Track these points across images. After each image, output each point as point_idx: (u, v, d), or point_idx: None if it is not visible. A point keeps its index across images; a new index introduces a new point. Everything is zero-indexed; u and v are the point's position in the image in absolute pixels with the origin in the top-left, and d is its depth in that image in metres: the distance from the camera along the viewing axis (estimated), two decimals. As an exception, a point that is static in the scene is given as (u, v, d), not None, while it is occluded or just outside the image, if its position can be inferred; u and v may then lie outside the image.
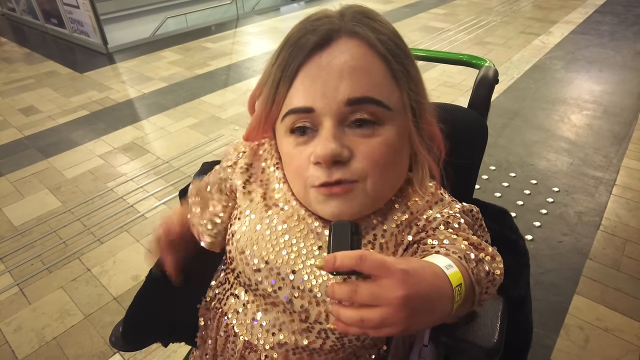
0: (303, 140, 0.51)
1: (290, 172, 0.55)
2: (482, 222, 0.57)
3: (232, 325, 0.62)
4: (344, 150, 0.48)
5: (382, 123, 0.49)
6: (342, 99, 0.47)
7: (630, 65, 3.29)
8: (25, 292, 1.54)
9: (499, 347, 0.57)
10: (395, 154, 0.51)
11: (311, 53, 0.49)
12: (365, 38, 0.49)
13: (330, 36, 0.49)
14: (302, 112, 0.49)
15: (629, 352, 1.25)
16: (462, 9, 5.06)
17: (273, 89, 0.52)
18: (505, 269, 0.51)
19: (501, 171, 2.08)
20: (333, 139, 0.47)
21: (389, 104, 0.49)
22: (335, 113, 0.48)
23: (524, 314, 0.73)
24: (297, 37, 0.50)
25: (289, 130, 0.52)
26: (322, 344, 0.56)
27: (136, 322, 0.71)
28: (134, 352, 1.29)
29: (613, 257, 1.57)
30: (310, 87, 0.48)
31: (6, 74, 3.62)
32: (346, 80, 0.47)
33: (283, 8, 5.60)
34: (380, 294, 0.35)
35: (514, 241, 0.72)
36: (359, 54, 0.48)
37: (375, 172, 0.50)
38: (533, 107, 2.69)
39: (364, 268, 0.36)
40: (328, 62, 0.48)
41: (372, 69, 0.48)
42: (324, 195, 0.50)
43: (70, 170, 2.23)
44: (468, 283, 0.43)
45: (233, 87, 3.20)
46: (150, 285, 0.72)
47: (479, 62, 0.87)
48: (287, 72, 0.50)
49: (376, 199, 0.53)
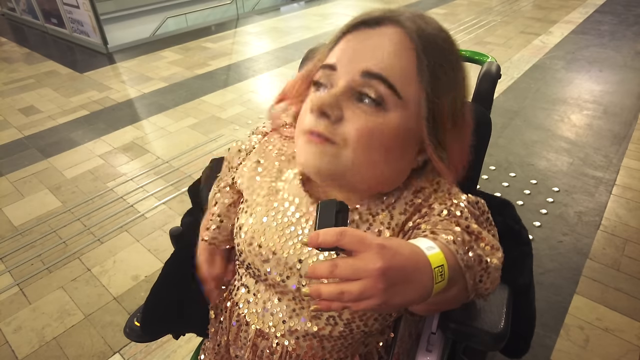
0: (318, 93, 0.54)
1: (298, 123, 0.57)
2: (488, 215, 0.57)
3: (244, 314, 0.64)
4: (335, 109, 0.50)
5: (388, 108, 0.50)
6: (360, 68, 0.50)
7: (630, 65, 3.29)
8: (25, 292, 1.54)
9: (505, 332, 0.59)
10: (389, 145, 0.51)
11: (358, 26, 0.53)
12: (408, 30, 0.51)
13: (381, 19, 0.52)
14: (327, 68, 0.53)
15: (629, 352, 1.25)
16: (462, 8, 5.06)
17: (324, 51, 0.56)
18: (509, 259, 0.52)
19: (501, 171, 2.08)
20: (332, 95, 0.50)
21: (401, 92, 0.49)
22: (349, 78, 0.50)
23: (527, 302, 0.75)
24: (358, 16, 0.54)
25: (313, 85, 0.55)
26: (331, 331, 0.58)
27: (154, 311, 0.73)
28: (134, 352, 1.30)
29: (613, 257, 1.57)
30: (343, 51, 0.52)
31: (6, 74, 3.62)
32: (371, 54, 0.50)
33: (283, 8, 5.60)
34: (359, 266, 0.37)
35: (517, 231, 0.74)
36: (395, 40, 0.50)
37: (359, 147, 0.50)
38: (533, 107, 2.69)
39: (345, 243, 0.38)
40: (367, 37, 0.51)
41: (402, 57, 0.50)
42: (304, 142, 0.52)
43: (70, 170, 2.23)
44: (454, 266, 0.43)
45: (233, 87, 3.20)
46: (167, 277, 0.74)
47: (482, 58, 0.88)
48: (334, 38, 0.55)
49: (350, 173, 0.52)
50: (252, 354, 0.64)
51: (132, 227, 1.82)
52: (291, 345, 0.60)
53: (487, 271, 0.48)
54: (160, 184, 2.10)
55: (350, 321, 0.57)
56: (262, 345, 0.63)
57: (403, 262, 0.39)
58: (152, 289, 0.73)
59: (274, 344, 0.61)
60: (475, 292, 0.48)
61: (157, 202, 1.97)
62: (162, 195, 2.02)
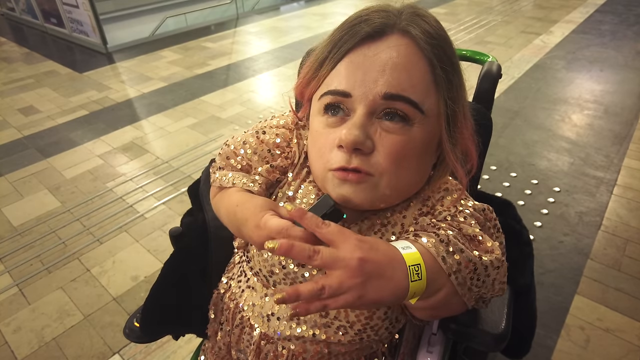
0: (333, 122, 0.52)
1: (314, 150, 0.55)
2: (496, 222, 0.56)
3: (248, 317, 0.64)
4: (367, 141, 0.49)
5: (412, 124, 0.50)
6: (379, 92, 0.48)
7: (631, 64, 3.28)
8: (25, 293, 1.53)
9: (506, 333, 0.59)
10: (417, 157, 0.52)
11: (361, 42, 0.50)
12: (415, 39, 0.49)
13: (383, 30, 0.50)
14: (339, 95, 0.50)
15: (629, 353, 1.24)
16: (462, 8, 5.05)
17: (317, 64, 0.53)
18: (510, 259, 0.52)
19: (502, 171, 2.08)
20: (360, 127, 0.48)
21: (423, 107, 0.49)
22: (369, 103, 0.49)
23: (528, 302, 0.75)
24: (352, 23, 0.51)
25: (322, 109, 0.53)
26: (340, 339, 0.57)
27: (154, 312, 0.72)
28: (134, 353, 1.29)
29: (614, 257, 1.57)
30: (353, 73, 0.49)
31: (5, 74, 3.61)
32: (387, 74, 0.48)
33: (283, 7, 5.59)
34: (339, 255, 0.39)
35: (518, 231, 0.74)
36: (405, 52, 0.49)
37: (392, 170, 0.50)
38: (534, 107, 2.68)
39: (325, 233, 0.41)
40: (375, 54, 0.49)
41: (415, 69, 0.49)
42: (338, 179, 0.51)
43: (69, 170, 2.23)
44: (433, 267, 0.44)
45: (233, 87, 3.19)
46: (166, 277, 0.74)
47: (482, 58, 0.87)
48: (334, 54, 0.51)
49: (386, 196, 0.53)
50: (256, 356, 0.63)
51: (132, 228, 1.82)
52: (297, 350, 0.60)
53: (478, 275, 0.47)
54: (159, 184, 2.09)
55: (361, 331, 0.56)
56: (266, 348, 0.62)
57: (379, 257, 0.41)
58: (151, 290, 0.72)
59: (280, 347, 0.61)
60: (473, 298, 0.48)
61: (156, 202, 1.97)
62: (161, 195, 2.01)
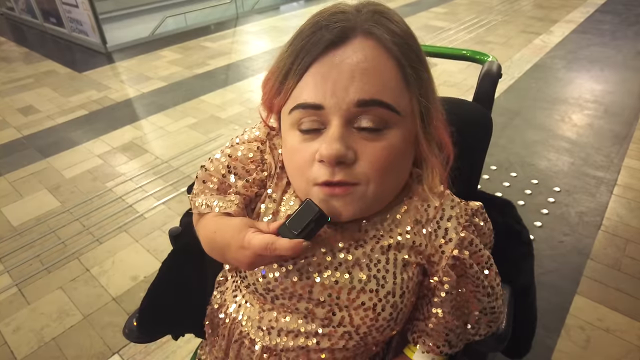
0: (310, 137, 0.50)
1: (292, 166, 0.54)
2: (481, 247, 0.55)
3: (247, 332, 0.61)
4: (349, 152, 0.48)
5: (390, 126, 0.49)
6: (352, 99, 0.46)
7: (631, 64, 3.28)
8: (24, 293, 1.53)
9: (507, 333, 0.60)
10: (399, 158, 0.51)
11: (325, 50, 0.47)
12: (380, 39, 0.48)
13: (345, 34, 0.48)
14: (311, 107, 0.48)
15: (630, 353, 1.24)
16: (462, 7, 5.05)
17: (281, 77, 0.51)
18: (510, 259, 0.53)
19: (502, 171, 2.08)
20: (339, 139, 0.47)
21: (398, 108, 0.48)
22: (344, 113, 0.47)
23: (528, 303, 0.75)
24: (310, 31, 0.49)
25: (295, 126, 0.51)
26: (345, 345, 0.56)
27: (152, 311, 0.72)
28: (134, 353, 1.29)
29: (614, 257, 1.56)
30: (321, 84, 0.47)
31: (5, 74, 3.61)
32: (357, 81, 0.46)
33: (283, 7, 5.59)
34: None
35: (518, 231, 0.74)
36: (372, 55, 0.47)
37: (378, 177, 0.49)
38: (534, 107, 2.68)
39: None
40: (341, 61, 0.47)
41: (384, 71, 0.48)
42: (325, 194, 0.50)
43: (69, 170, 2.22)
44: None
45: (232, 87, 3.19)
46: (164, 276, 0.73)
47: (482, 58, 0.87)
48: (298, 65, 0.49)
49: (375, 202, 0.52)
50: None
51: (131, 227, 1.81)
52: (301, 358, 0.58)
53: (479, 335, 0.59)
54: (159, 183, 2.09)
55: (367, 334, 0.54)
56: None
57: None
58: (149, 290, 0.72)
59: (283, 359, 0.59)
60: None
61: (156, 202, 1.96)
62: (161, 195, 2.01)
